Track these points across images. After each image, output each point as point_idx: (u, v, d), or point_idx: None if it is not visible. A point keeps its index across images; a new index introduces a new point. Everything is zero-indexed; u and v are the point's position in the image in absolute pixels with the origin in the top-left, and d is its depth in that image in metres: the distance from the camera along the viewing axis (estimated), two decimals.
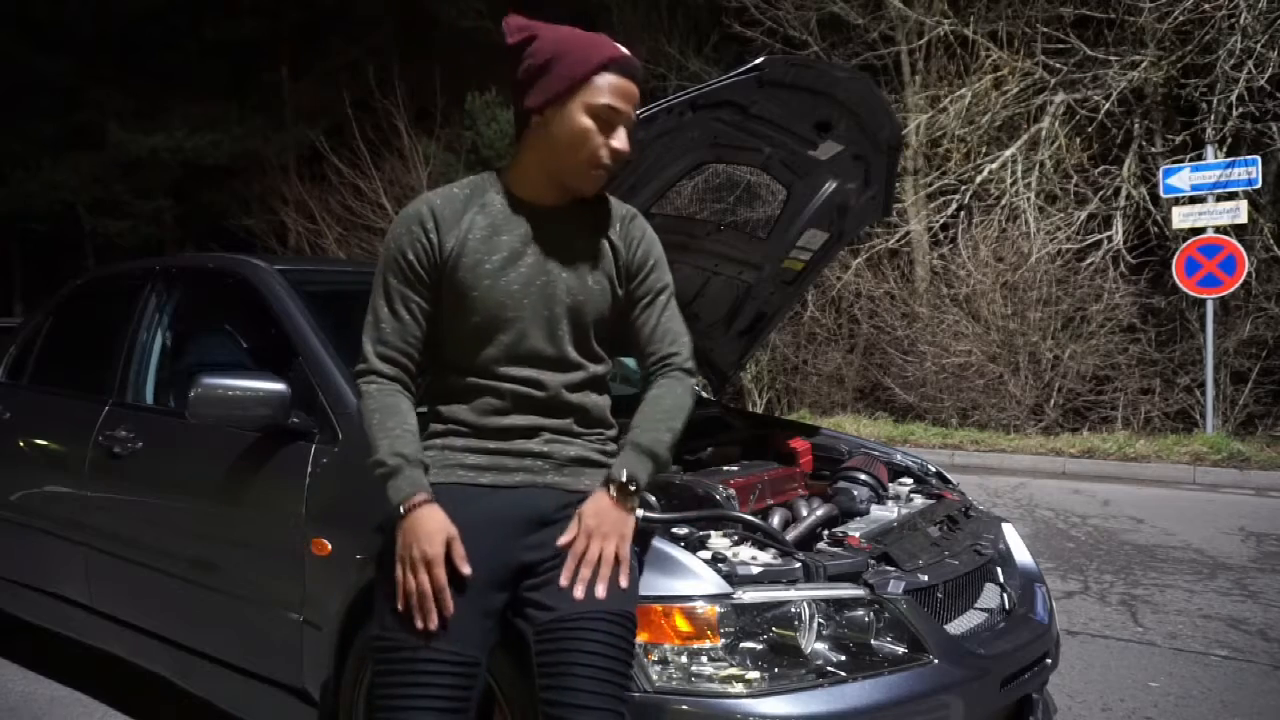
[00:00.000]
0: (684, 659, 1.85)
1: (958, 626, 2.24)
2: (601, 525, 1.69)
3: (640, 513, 2.11)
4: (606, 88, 1.70)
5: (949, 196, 11.02)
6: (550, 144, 1.74)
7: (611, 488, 1.71)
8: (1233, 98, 9.23)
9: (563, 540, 1.70)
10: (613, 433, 1.89)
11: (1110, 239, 10.17)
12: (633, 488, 1.71)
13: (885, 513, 2.56)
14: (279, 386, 2.41)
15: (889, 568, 2.14)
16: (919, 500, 2.78)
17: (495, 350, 1.75)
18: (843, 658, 1.96)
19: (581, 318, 1.78)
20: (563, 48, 1.72)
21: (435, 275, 1.76)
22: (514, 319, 1.75)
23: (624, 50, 1.75)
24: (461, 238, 1.75)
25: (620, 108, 1.72)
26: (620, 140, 1.72)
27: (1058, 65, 10.41)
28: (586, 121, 1.70)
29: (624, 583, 1.70)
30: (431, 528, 1.65)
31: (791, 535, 2.33)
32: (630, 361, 2.81)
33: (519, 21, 1.76)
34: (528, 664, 1.68)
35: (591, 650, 1.62)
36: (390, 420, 1.73)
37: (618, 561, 1.69)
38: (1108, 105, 10.15)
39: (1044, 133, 10.52)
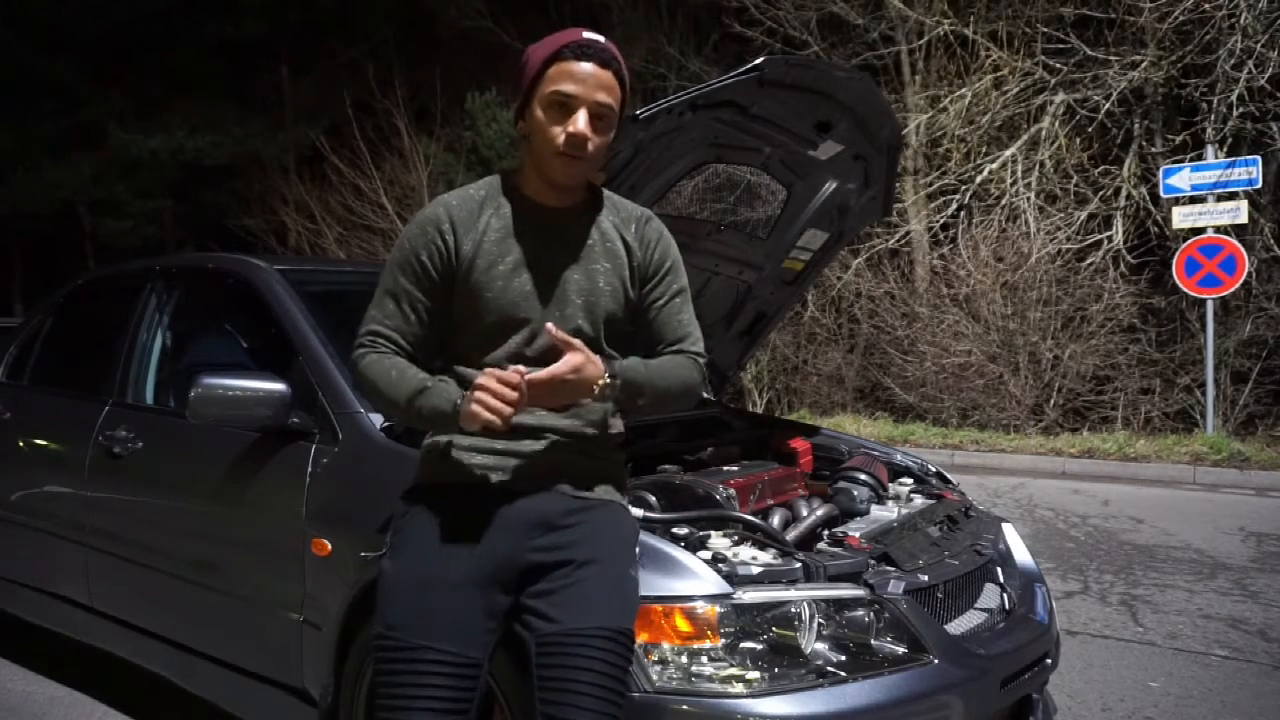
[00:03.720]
0: (684, 659, 1.85)
1: (958, 626, 2.24)
2: (583, 375, 1.65)
3: (640, 513, 2.12)
4: (554, 76, 1.69)
5: (949, 196, 11.01)
6: (530, 147, 1.77)
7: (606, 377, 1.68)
8: (1233, 97, 9.22)
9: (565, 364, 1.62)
10: (620, 438, 1.89)
11: (1110, 239, 10.16)
12: (611, 380, 1.68)
13: (885, 513, 2.56)
14: (279, 386, 2.41)
15: (889, 568, 2.14)
16: (919, 500, 2.78)
17: (506, 350, 1.75)
18: (843, 658, 1.96)
19: (593, 318, 1.79)
20: (527, 56, 1.74)
21: (448, 278, 1.77)
22: (526, 320, 1.75)
23: (582, 34, 1.72)
24: (478, 240, 1.76)
25: (570, 90, 1.68)
26: (576, 124, 1.69)
27: (1058, 65, 10.41)
28: (541, 115, 1.71)
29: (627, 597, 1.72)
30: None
31: (791, 535, 2.33)
32: None
33: (531, 47, 1.78)
34: (528, 666, 1.68)
35: (593, 669, 1.63)
36: (409, 371, 1.74)
37: (618, 580, 1.72)
38: (1108, 105, 10.14)
39: (1044, 133, 10.52)
